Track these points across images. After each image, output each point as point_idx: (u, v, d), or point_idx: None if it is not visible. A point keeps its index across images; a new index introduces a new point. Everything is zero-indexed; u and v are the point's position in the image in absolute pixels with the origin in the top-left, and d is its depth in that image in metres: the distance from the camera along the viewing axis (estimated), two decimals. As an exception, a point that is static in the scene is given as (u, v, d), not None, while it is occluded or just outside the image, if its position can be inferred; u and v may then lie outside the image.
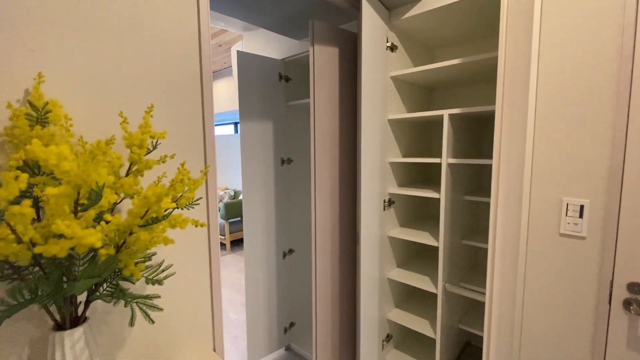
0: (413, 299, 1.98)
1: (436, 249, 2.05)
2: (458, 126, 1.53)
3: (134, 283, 0.59)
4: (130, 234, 0.57)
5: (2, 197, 0.43)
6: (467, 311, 1.80)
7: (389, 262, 1.80)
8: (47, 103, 0.62)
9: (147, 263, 0.70)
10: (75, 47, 0.68)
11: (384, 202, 1.70)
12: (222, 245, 4.90)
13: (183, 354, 0.91)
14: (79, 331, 0.56)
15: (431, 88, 2.01)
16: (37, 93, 0.61)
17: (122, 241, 0.57)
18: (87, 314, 0.62)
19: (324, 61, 1.57)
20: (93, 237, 0.44)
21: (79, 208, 0.46)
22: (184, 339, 0.91)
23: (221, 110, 4.83)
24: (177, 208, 0.67)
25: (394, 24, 1.61)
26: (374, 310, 1.69)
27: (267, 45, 2.37)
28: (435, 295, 1.98)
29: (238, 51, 1.95)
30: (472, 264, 1.83)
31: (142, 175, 0.68)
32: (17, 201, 0.44)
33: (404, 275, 1.75)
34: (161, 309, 0.58)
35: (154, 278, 0.60)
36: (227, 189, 5.37)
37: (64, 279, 0.50)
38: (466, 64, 1.39)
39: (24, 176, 0.46)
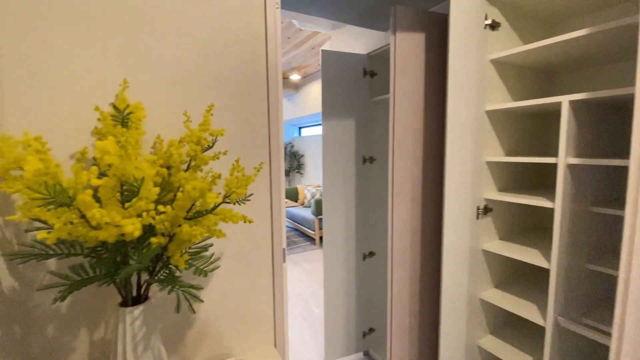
0: (514, 329, 1.64)
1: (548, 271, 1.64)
2: (583, 116, 1.17)
3: (180, 272, 0.63)
4: (180, 226, 0.60)
5: (70, 185, 0.50)
6: (589, 357, 1.38)
7: (483, 281, 1.52)
8: (128, 106, 0.71)
9: (203, 254, 0.73)
10: (153, 55, 0.77)
11: (478, 209, 1.45)
12: (312, 240, 5.12)
13: (242, 345, 0.94)
14: (138, 309, 0.62)
15: (548, 72, 1.61)
16: (121, 97, 0.71)
17: (173, 232, 0.61)
18: (151, 296, 0.69)
19: (407, 49, 1.43)
20: (132, 226, 0.48)
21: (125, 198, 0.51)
22: (244, 331, 0.94)
23: (314, 112, 5.03)
24: (228, 203, 0.68)
25: (496, -4, 1.34)
26: (459, 333, 1.46)
27: (354, 41, 2.32)
28: (542, 329, 1.59)
29: (322, 50, 1.96)
30: (601, 296, 1.40)
31: (200, 170, 0.72)
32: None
33: (503, 299, 1.46)
34: (201, 301, 0.60)
35: (203, 269, 0.63)
36: (319, 187, 5.57)
37: (119, 260, 0.56)
38: (596, 35, 1.05)
39: (94, 169, 0.52)
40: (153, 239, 0.57)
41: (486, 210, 1.46)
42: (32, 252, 0.56)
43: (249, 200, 0.89)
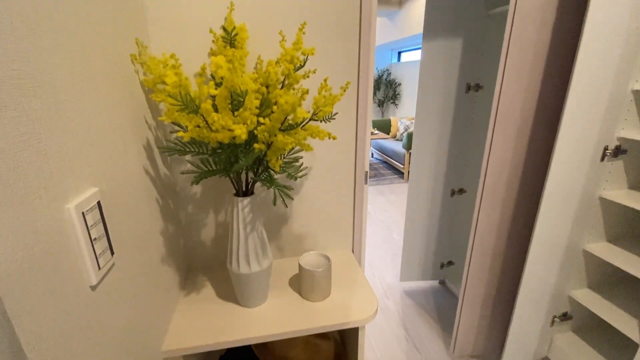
0: (620, 288, 1.45)
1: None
2: None
3: (275, 172, 0.75)
4: (275, 136, 0.70)
5: (196, 95, 0.63)
6: None
7: (593, 232, 1.34)
8: (234, 28, 0.79)
9: (294, 164, 0.85)
10: (255, -25, 0.81)
11: (606, 149, 1.20)
12: (400, 174, 5.07)
13: (324, 245, 1.11)
14: (247, 199, 0.79)
15: None
16: (229, 19, 0.79)
17: (271, 141, 0.72)
18: (256, 194, 0.86)
19: (545, -62, 1.11)
20: (239, 130, 0.59)
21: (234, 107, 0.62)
22: (326, 235, 1.09)
23: (418, 32, 4.47)
24: (315, 120, 0.75)
25: None
26: (546, 279, 1.38)
27: None
28: (668, 296, 1.36)
29: (432, -48, 1.67)
30: None
31: (293, 89, 0.79)
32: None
33: (616, 255, 1.28)
34: (292, 198, 0.72)
35: (293, 174, 0.74)
36: (414, 119, 5.26)
37: (232, 160, 0.71)
38: None
39: (211, 83, 0.64)
40: (255, 145, 0.69)
41: (618, 151, 1.21)
42: (175, 148, 0.75)
43: (334, 119, 0.94)
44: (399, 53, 6.65)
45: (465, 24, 1.75)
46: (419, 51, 5.71)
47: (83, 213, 0.46)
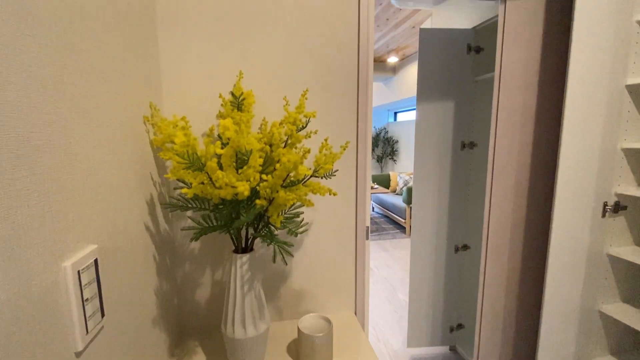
0: (650, 355, 1.34)
1: None
2: None
3: (276, 229, 0.75)
4: (277, 192, 0.72)
5: (202, 154, 0.66)
6: None
7: (606, 292, 1.28)
8: (242, 93, 0.86)
9: (295, 219, 0.85)
10: (261, 50, 0.90)
11: (605, 205, 1.21)
12: (402, 228, 5.01)
13: (325, 307, 1.05)
14: (246, 256, 0.77)
15: None
16: (238, 86, 0.86)
17: (272, 197, 0.73)
18: (255, 250, 0.84)
19: (520, 18, 1.26)
20: (242, 187, 0.61)
21: (239, 166, 0.64)
22: (327, 295, 1.04)
23: (411, 95, 4.81)
24: (316, 177, 0.77)
25: (655, -63, 1.06)
26: (565, 347, 1.28)
27: (458, 15, 2.13)
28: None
29: (421, 29, 1.88)
30: None
31: (295, 147, 0.82)
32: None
33: (631, 315, 1.20)
34: (292, 255, 0.71)
35: (294, 230, 0.74)
36: (412, 174, 5.37)
37: (233, 216, 0.71)
38: None
39: (218, 143, 0.68)
40: (257, 201, 0.70)
41: (617, 207, 1.21)
42: (177, 204, 0.76)
43: (335, 175, 0.97)
44: (395, 113, 7.07)
45: (455, 88, 1.89)
46: (414, 112, 6.07)
47: (79, 272, 0.45)
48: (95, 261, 0.50)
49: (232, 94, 0.86)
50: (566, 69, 1.31)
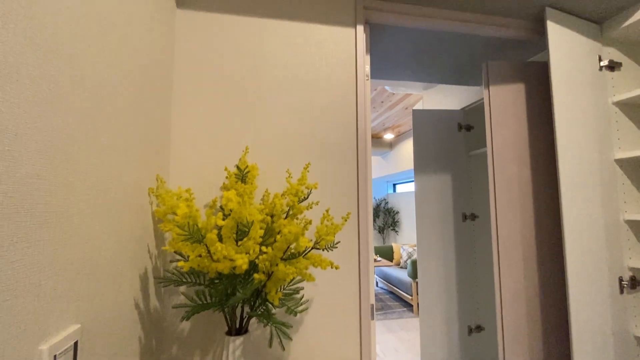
0: None
1: None
2: None
3: (274, 308, 0.70)
4: (277, 265, 0.69)
5: (203, 225, 0.65)
6: None
7: (644, 382, 1.13)
8: (247, 166, 0.89)
9: (295, 296, 0.80)
10: (267, 127, 0.97)
11: (621, 281, 1.15)
12: (409, 306, 4.68)
13: (328, 400, 0.92)
14: (239, 339, 0.70)
15: None
16: (243, 159, 0.90)
17: (271, 271, 0.70)
18: (250, 332, 0.78)
19: (504, 101, 1.38)
20: (241, 260, 0.59)
21: (239, 237, 0.63)
22: (330, 384, 0.92)
23: (408, 168, 4.99)
24: (318, 249, 0.75)
25: (610, 37, 1.23)
26: None
27: (446, 98, 2.35)
28: None
29: (414, 110, 2.05)
30: None
31: (296, 218, 0.82)
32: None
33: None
34: (290, 338, 0.65)
35: (293, 309, 0.69)
36: (416, 246, 5.23)
37: (229, 292, 0.67)
38: None
39: (219, 214, 0.68)
40: (255, 275, 0.67)
41: (634, 282, 1.15)
42: (172, 278, 0.72)
43: (336, 247, 0.94)
44: (394, 185, 7.25)
45: (450, 162, 1.97)
46: (412, 183, 6.22)
47: (55, 356, 0.41)
48: (75, 344, 0.45)
49: (238, 167, 0.89)
50: (554, 145, 1.38)
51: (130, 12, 0.64)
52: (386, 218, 6.98)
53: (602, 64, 1.22)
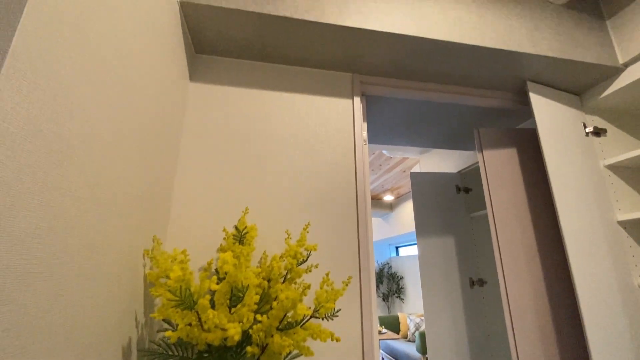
0: None
1: None
2: None
3: (268, 389, 0.62)
4: (272, 336, 0.64)
5: (196, 290, 0.62)
6: None
7: None
8: (245, 227, 0.88)
9: (292, 373, 0.72)
10: (268, 189, 0.98)
11: (651, 354, 1.04)
12: (420, 386, 4.16)
13: None
14: None
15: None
16: (242, 220, 0.90)
17: (266, 343, 0.64)
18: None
19: (499, 164, 1.42)
20: (234, 330, 0.54)
21: (233, 304, 0.60)
22: None
23: (408, 231, 4.92)
24: (317, 318, 0.70)
25: (591, 106, 1.32)
26: None
27: (443, 162, 2.42)
28: None
29: (411, 173, 2.10)
30: None
31: (295, 283, 0.78)
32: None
33: None
34: None
35: (289, 390, 0.61)
36: (424, 317, 4.88)
37: (219, 368, 0.61)
38: None
39: (214, 278, 0.65)
40: (248, 348, 0.61)
41: (667, 358, 1.04)
42: (157, 351, 0.66)
43: (337, 316, 0.88)
44: (397, 248, 7.04)
45: (452, 224, 1.95)
46: (415, 246, 6.06)
47: None
48: None
49: (237, 227, 0.88)
50: (554, 207, 1.39)
51: (148, 85, 0.70)
52: (390, 284, 6.63)
53: (587, 130, 1.28)
